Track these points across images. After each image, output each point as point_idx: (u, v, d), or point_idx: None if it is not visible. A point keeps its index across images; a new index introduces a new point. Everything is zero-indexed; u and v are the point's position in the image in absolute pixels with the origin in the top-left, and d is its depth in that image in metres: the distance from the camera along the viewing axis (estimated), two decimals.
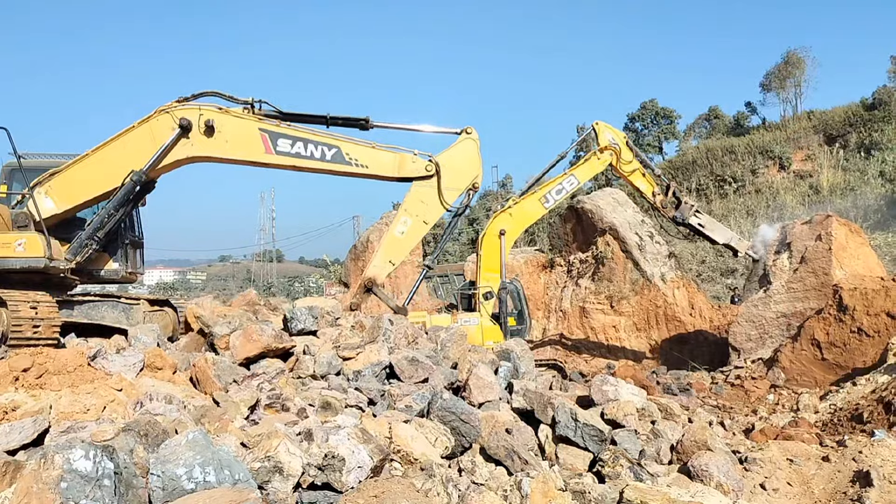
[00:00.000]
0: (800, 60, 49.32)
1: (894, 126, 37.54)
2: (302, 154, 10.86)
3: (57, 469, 4.25)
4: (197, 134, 10.66)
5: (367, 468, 5.50)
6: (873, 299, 14.15)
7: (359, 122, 11.15)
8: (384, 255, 11.60)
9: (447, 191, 11.40)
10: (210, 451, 4.73)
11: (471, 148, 11.54)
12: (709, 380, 16.85)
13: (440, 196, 11.36)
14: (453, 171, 11.46)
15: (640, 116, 55.01)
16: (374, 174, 11.30)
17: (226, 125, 10.74)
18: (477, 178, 11.61)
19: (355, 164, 11.03)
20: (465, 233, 52.34)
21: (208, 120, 10.57)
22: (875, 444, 7.82)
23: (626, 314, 24.15)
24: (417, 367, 8.68)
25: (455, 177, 11.47)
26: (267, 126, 10.88)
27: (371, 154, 11.14)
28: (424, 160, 11.34)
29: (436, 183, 11.33)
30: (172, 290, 65.28)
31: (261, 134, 10.83)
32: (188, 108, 10.68)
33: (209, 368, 7.98)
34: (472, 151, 11.55)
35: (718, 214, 32.52)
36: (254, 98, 10.91)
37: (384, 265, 11.59)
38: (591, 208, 25.63)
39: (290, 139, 10.86)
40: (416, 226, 11.44)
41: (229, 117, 10.81)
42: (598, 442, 7.06)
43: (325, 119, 11.18)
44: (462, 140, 11.50)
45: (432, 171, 11.30)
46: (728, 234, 18.75)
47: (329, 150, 10.91)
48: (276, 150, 10.82)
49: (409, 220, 11.43)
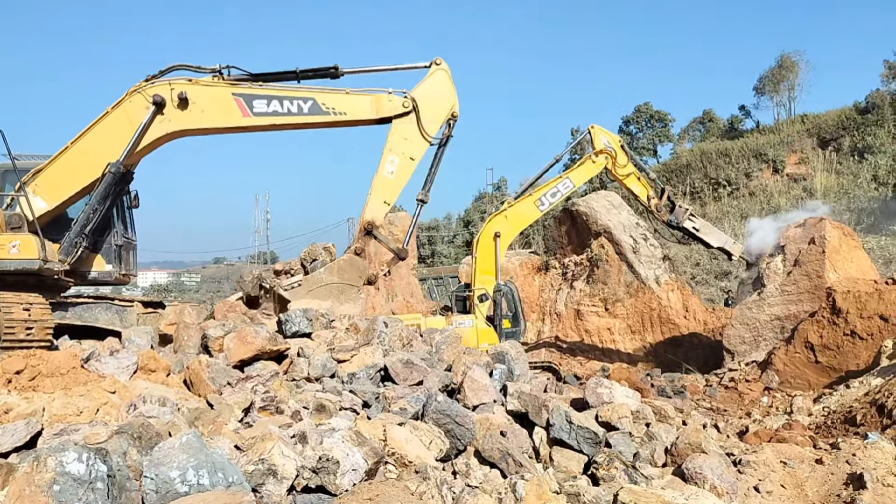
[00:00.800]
0: (793, 64, 49.62)
1: (887, 130, 37.74)
2: (279, 111, 10.85)
3: (50, 472, 4.23)
4: (172, 109, 10.59)
5: (361, 471, 5.49)
6: (866, 302, 14.21)
7: (328, 71, 11.10)
8: (378, 196, 11.48)
9: (428, 124, 11.38)
10: (204, 453, 4.71)
11: (443, 78, 11.50)
12: (703, 382, 16.90)
13: (421, 130, 11.32)
14: (430, 103, 11.43)
15: (634, 119, 55.22)
16: (352, 120, 11.28)
17: (199, 95, 10.69)
18: (454, 106, 11.57)
19: (333, 112, 11.01)
20: (460, 235, 52.39)
21: (181, 92, 10.51)
22: (868, 447, 7.84)
23: (620, 316, 24.20)
24: (412, 370, 8.68)
25: (433, 109, 11.45)
26: (240, 90, 10.83)
27: (346, 100, 11.09)
28: (400, 97, 11.33)
29: (415, 118, 11.31)
30: (166, 292, 65.10)
31: (235, 99, 10.79)
32: (158, 84, 10.60)
33: (203, 371, 7.95)
34: (445, 81, 11.52)
35: (712, 217, 32.62)
36: (221, 64, 10.82)
37: (380, 207, 11.50)
38: (585, 211, 25.68)
39: (264, 99, 10.82)
40: (403, 163, 11.35)
41: (201, 87, 10.75)
42: (592, 444, 7.06)
43: (295, 74, 11.11)
44: (434, 72, 11.46)
45: (410, 107, 11.27)
46: (722, 237, 18.82)
47: (305, 103, 10.90)
48: (253, 111, 10.80)
49: (396, 159, 11.34)
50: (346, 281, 11.10)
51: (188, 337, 9.82)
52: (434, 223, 55.97)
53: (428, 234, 52.77)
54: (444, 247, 52.27)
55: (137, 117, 10.55)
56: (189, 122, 10.81)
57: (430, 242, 52.43)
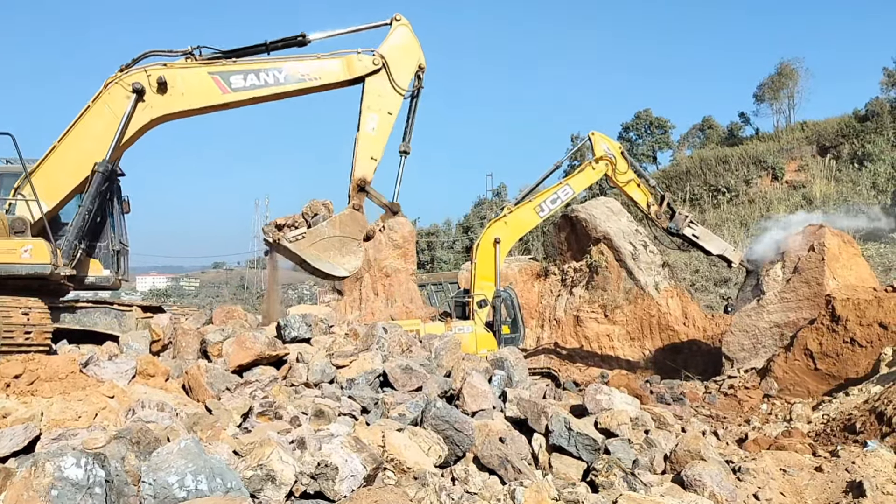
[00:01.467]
0: (793, 72, 49.69)
1: (886, 137, 37.78)
2: (257, 84, 11.12)
3: (48, 477, 4.23)
4: (152, 95, 10.74)
5: (360, 477, 5.48)
6: (866, 310, 14.21)
7: (296, 39, 11.38)
8: (365, 153, 11.75)
9: (398, 78, 11.78)
10: (202, 459, 4.71)
11: (406, 33, 11.95)
12: (702, 389, 16.88)
13: (394, 85, 11.73)
14: (398, 58, 11.84)
15: (634, 126, 55.22)
16: (327, 83, 11.60)
17: (177, 78, 10.87)
18: (420, 58, 12.01)
19: (308, 78, 11.35)
20: (460, 241, 52.39)
21: (159, 77, 10.67)
22: (868, 455, 7.84)
23: (619, 323, 24.19)
24: (411, 376, 8.67)
25: (401, 63, 11.86)
26: (215, 68, 11.04)
27: (319, 65, 11.44)
28: (370, 56, 11.69)
29: (386, 75, 11.70)
30: (165, 297, 65.13)
31: (212, 77, 11.00)
32: (134, 72, 10.73)
33: (202, 376, 7.95)
34: (408, 35, 11.96)
35: (712, 224, 32.64)
36: (192, 46, 11.04)
37: (369, 163, 11.77)
38: (585, 217, 25.70)
39: (240, 73, 11.07)
40: (382, 119, 11.77)
41: (177, 70, 10.93)
42: (591, 451, 7.05)
43: (265, 46, 11.39)
44: (396, 28, 11.88)
45: (380, 64, 11.63)
46: (722, 244, 18.84)
47: (280, 72, 11.19)
48: (232, 87, 11.04)
49: (375, 116, 11.73)
50: (347, 234, 11.33)
51: (187, 342, 9.81)
52: (433, 229, 55.97)
53: (427, 239, 52.77)
54: (443, 252, 52.26)
55: (119, 108, 10.65)
56: (170, 106, 10.96)
57: (429, 248, 52.41)
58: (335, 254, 11.20)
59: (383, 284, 29.57)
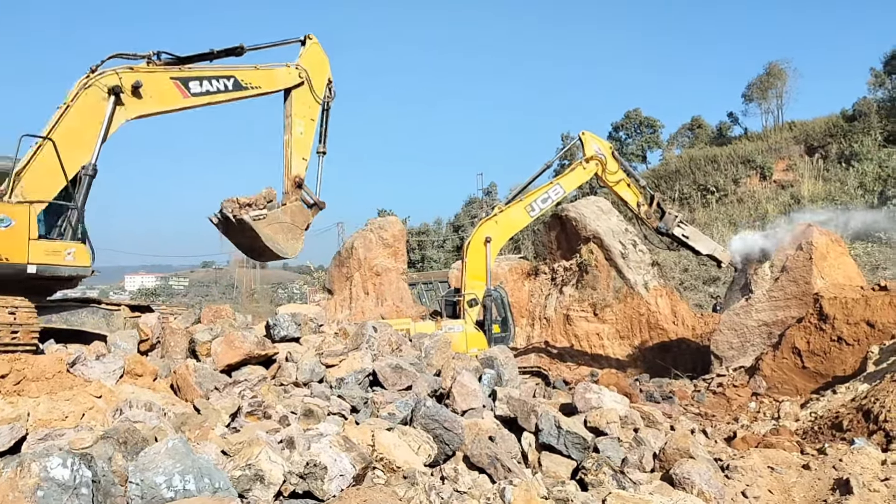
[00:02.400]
0: (781, 72, 49.97)
1: (874, 137, 38.04)
2: (211, 90, 11.98)
3: (34, 477, 4.20)
4: (128, 97, 11.17)
5: (349, 476, 5.47)
6: (853, 308, 14.31)
7: (235, 50, 12.42)
8: (298, 154, 13.15)
9: (317, 89, 13.36)
10: (190, 458, 4.68)
11: (318, 48, 13.56)
12: (691, 387, 16.95)
13: (314, 94, 13.30)
14: (315, 71, 13.39)
15: (623, 125, 55.40)
16: (265, 91, 12.79)
17: (146, 82, 11.36)
18: (329, 73, 13.68)
19: (250, 87, 12.43)
20: (450, 240, 52.40)
21: (135, 82, 11.14)
22: (855, 452, 7.89)
23: (609, 322, 24.25)
24: (401, 375, 8.66)
25: (318, 75, 13.43)
26: (175, 73, 11.71)
27: (259, 75, 12.59)
28: (296, 70, 13.11)
29: (308, 86, 13.23)
30: (154, 296, 64.78)
31: (174, 82, 11.66)
32: (107, 75, 11.04)
33: (190, 375, 7.91)
34: (320, 51, 13.59)
35: (701, 223, 32.79)
36: (153, 51, 11.66)
37: (301, 163, 13.19)
38: (575, 216, 25.74)
39: (197, 80, 11.86)
40: (307, 124, 13.31)
41: (145, 74, 11.40)
42: (581, 450, 7.06)
43: (211, 54, 12.30)
44: (310, 46, 13.42)
45: (305, 76, 13.13)
46: (711, 244, 18.91)
47: (228, 80, 12.15)
48: (191, 92, 11.78)
49: (302, 122, 13.27)
50: (296, 223, 12.72)
51: (175, 342, 9.75)
52: (424, 228, 55.96)
53: (418, 238, 52.75)
54: (434, 251, 52.24)
55: (100, 109, 10.93)
56: (142, 108, 11.43)
57: (420, 247, 52.38)
58: (284, 237, 12.44)
59: (374, 283, 29.52)
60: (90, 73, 11.00)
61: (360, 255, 29.64)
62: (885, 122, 38.85)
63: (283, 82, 12.98)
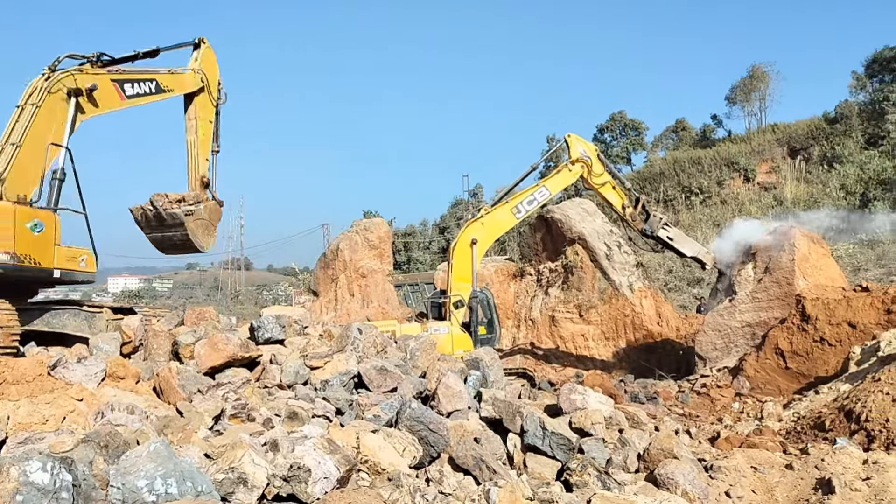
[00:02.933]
0: (764, 75, 50.50)
1: (855, 140, 38.49)
2: (140, 93, 12.32)
3: (13, 482, 4.14)
4: (85, 101, 11.40)
5: (333, 479, 5.45)
6: (835, 309, 14.44)
7: (151, 53, 12.92)
8: (202, 155, 13.85)
9: (213, 91, 13.95)
10: (172, 462, 4.64)
11: (211, 53, 14.03)
12: (675, 388, 17.04)
13: (210, 97, 13.89)
14: (211, 74, 13.94)
15: (608, 128, 55.73)
16: (176, 94, 13.29)
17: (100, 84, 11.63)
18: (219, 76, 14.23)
19: (167, 90, 12.89)
20: (436, 241, 52.40)
21: (91, 85, 11.41)
22: (837, 452, 7.95)
23: (594, 323, 24.33)
24: (386, 377, 8.63)
25: (213, 80, 14.01)
26: (113, 76, 11.98)
27: (172, 79, 13.08)
28: (199, 73, 13.61)
29: (206, 89, 13.79)
30: (138, 298, 64.24)
31: (113, 84, 11.94)
32: (65, 77, 11.17)
33: (173, 378, 7.84)
34: (212, 56, 14.08)
35: (685, 225, 33.02)
36: (95, 52, 11.90)
37: (205, 162, 13.90)
38: (560, 218, 25.81)
39: (130, 82, 12.17)
40: (206, 126, 13.88)
41: (94, 77, 11.61)
42: (566, 451, 7.08)
43: (136, 56, 12.70)
44: (204, 50, 13.85)
45: (205, 80, 13.66)
46: (696, 247, 19.04)
47: (152, 83, 12.57)
48: (126, 94, 12.09)
49: (203, 124, 13.85)
50: (212, 220, 13.53)
51: (158, 344, 9.66)
52: (410, 229, 55.91)
53: (404, 240, 52.69)
54: (419, 253, 52.24)
55: (63, 110, 11.07)
56: (94, 110, 11.62)
57: (405, 249, 52.35)
58: (202, 233, 13.25)
59: (359, 285, 29.46)
60: (49, 74, 11.08)
61: (345, 256, 29.57)
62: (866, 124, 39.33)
63: (190, 86, 13.52)
